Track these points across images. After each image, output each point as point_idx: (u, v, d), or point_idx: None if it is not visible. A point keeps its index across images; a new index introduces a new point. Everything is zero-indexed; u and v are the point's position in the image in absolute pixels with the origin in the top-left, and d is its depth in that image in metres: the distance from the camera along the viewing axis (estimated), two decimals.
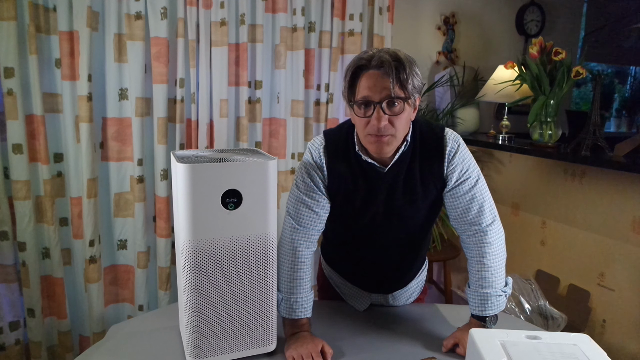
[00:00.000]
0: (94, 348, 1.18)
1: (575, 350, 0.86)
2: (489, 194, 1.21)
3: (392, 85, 1.04)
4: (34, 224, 1.93)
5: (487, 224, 1.18)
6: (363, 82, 1.07)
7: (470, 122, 2.77)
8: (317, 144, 1.20)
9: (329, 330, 1.24)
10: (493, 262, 1.17)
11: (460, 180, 1.17)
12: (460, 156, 1.16)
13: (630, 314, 1.97)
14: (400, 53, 1.07)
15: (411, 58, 1.09)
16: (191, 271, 1.01)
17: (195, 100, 2.14)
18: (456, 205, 1.19)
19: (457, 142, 1.17)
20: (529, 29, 3.10)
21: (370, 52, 1.08)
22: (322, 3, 2.32)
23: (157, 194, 2.15)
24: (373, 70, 1.06)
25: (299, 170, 1.20)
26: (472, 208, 1.17)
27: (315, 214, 1.19)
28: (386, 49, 1.08)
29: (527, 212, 2.45)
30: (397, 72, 1.04)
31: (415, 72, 1.07)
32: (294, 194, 1.20)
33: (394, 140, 1.10)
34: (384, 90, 1.05)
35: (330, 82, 2.40)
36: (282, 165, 2.37)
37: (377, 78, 1.05)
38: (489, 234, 1.18)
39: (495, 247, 1.18)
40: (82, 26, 1.88)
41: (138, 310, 2.20)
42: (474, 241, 1.19)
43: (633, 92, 4.70)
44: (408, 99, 1.07)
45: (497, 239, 1.19)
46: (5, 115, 1.83)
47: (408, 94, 1.07)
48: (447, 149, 1.16)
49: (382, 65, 1.04)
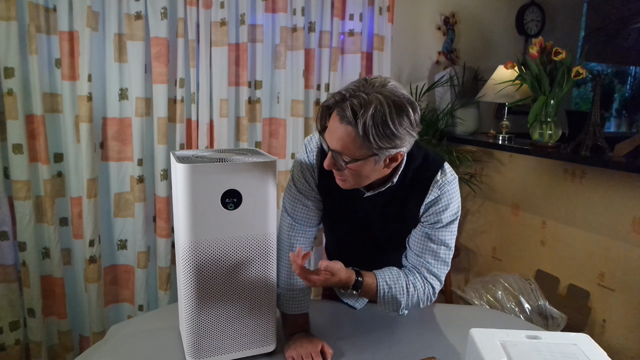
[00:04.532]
0: (94, 348, 1.18)
1: (575, 350, 0.85)
2: (451, 247, 1.15)
3: (343, 141, 0.95)
4: (34, 224, 1.93)
5: (432, 271, 1.13)
6: (330, 121, 1.00)
7: (470, 122, 2.77)
8: (313, 145, 1.18)
9: (329, 330, 1.24)
10: (408, 290, 1.12)
11: (431, 223, 1.12)
12: (440, 206, 1.10)
13: (630, 314, 1.97)
14: (375, 103, 0.92)
15: (393, 106, 0.93)
16: (191, 271, 1.01)
17: (195, 100, 2.14)
18: (415, 235, 1.15)
19: (442, 189, 1.09)
20: (529, 29, 3.10)
21: (343, 92, 0.96)
22: (322, 3, 2.32)
23: (157, 194, 2.15)
24: (335, 115, 0.96)
25: (295, 167, 1.20)
26: (427, 248, 1.13)
27: (311, 210, 1.19)
28: (363, 93, 0.93)
29: (527, 212, 2.45)
30: (355, 127, 0.93)
31: (388, 127, 0.92)
32: (291, 191, 1.20)
33: (351, 184, 1.04)
34: (337, 141, 0.97)
35: (330, 82, 2.40)
36: (282, 165, 2.37)
37: (334, 126, 0.97)
38: (428, 277, 1.13)
39: (418, 289, 1.13)
40: (82, 26, 1.88)
41: (138, 310, 2.20)
42: (414, 264, 1.16)
43: (633, 92, 4.70)
44: (364, 159, 0.97)
45: (425, 289, 1.13)
46: (5, 115, 1.84)
47: (367, 151, 0.96)
48: (428, 196, 1.09)
49: (343, 113, 0.94)
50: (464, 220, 2.85)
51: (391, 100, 0.93)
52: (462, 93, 2.73)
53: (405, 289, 1.11)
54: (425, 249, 1.13)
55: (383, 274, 1.12)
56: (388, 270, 1.14)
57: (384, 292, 1.10)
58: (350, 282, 1.07)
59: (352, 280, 1.07)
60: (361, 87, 0.96)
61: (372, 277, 1.11)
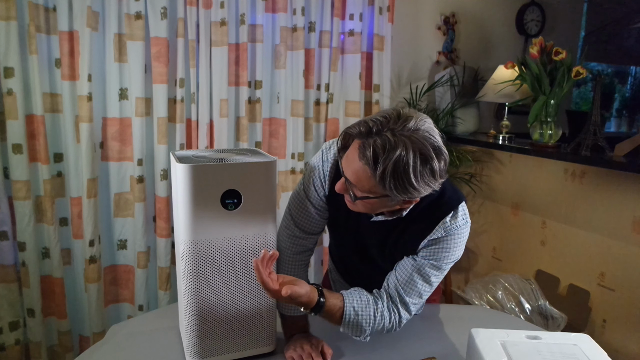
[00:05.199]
0: (94, 348, 1.18)
1: (576, 350, 0.85)
2: (433, 286, 1.09)
3: (358, 175, 0.90)
4: (34, 224, 1.93)
5: (405, 302, 1.07)
6: (350, 146, 0.94)
7: (470, 122, 2.77)
8: (330, 155, 1.11)
9: (329, 330, 1.23)
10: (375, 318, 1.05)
11: (426, 258, 1.07)
12: (441, 247, 1.05)
13: (630, 314, 1.97)
14: (405, 148, 0.85)
15: (419, 157, 0.86)
16: (191, 271, 1.01)
17: (195, 100, 2.14)
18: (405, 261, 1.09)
19: (448, 232, 1.04)
20: (529, 29, 3.10)
21: (370, 125, 0.88)
22: (322, 3, 2.32)
23: (157, 194, 2.15)
24: (356, 147, 0.90)
25: (307, 172, 1.16)
26: (411, 278, 1.07)
27: (315, 218, 1.17)
28: (396, 131, 0.86)
29: (527, 212, 2.44)
30: (374, 172, 0.87)
31: (409, 180, 0.86)
32: (299, 195, 1.17)
33: (357, 209, 1.00)
34: (352, 174, 0.92)
35: (330, 82, 2.40)
36: (282, 165, 2.37)
37: (354, 157, 0.90)
38: (399, 306, 1.08)
39: (385, 318, 1.06)
40: (82, 26, 1.88)
41: (138, 310, 2.20)
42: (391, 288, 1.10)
43: (633, 92, 4.69)
44: (375, 198, 0.93)
45: (392, 318, 1.07)
46: (5, 115, 1.83)
47: (380, 192, 0.91)
48: (432, 235, 1.04)
49: (363, 154, 0.88)
50: None
51: (418, 150, 0.85)
52: (462, 93, 2.73)
53: (373, 317, 1.05)
54: (408, 279, 1.07)
55: (351, 298, 1.05)
56: (358, 294, 1.06)
57: (350, 317, 1.03)
58: (311, 304, 0.99)
59: (314, 302, 0.99)
60: (391, 123, 0.87)
61: (339, 298, 1.04)
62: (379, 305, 1.07)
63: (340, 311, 1.03)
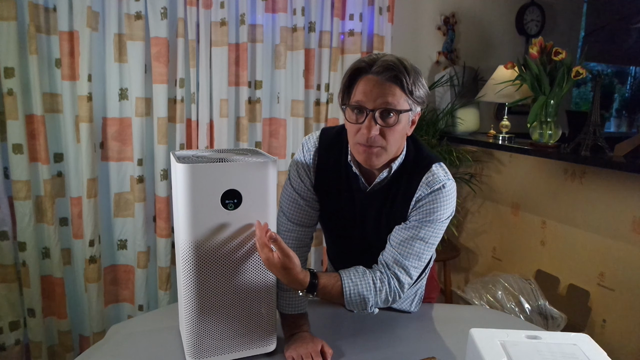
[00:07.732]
0: (94, 348, 1.18)
1: (576, 350, 0.85)
2: (430, 244, 1.11)
3: (391, 94, 0.99)
4: (34, 224, 1.93)
5: (403, 264, 1.09)
6: (360, 86, 1.02)
7: (470, 122, 2.77)
8: (311, 144, 1.18)
9: (329, 330, 1.24)
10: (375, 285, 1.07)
11: (417, 218, 1.10)
12: (427, 203, 1.08)
13: (630, 314, 1.97)
14: (406, 61, 1.01)
15: (417, 69, 1.03)
16: (191, 271, 1.01)
17: (195, 100, 2.14)
18: (397, 228, 1.12)
19: (432, 187, 1.08)
20: (529, 29, 3.10)
21: (373, 56, 1.02)
22: (322, 3, 2.32)
23: (157, 194, 2.15)
24: (372, 76, 1.00)
25: (292, 166, 1.21)
26: (404, 240, 1.09)
27: (306, 210, 1.20)
28: (390, 55, 1.03)
29: (527, 212, 2.45)
30: (399, 80, 0.99)
31: (420, 82, 1.02)
32: (287, 190, 1.21)
33: (384, 153, 1.05)
34: (380, 98, 1.00)
35: (330, 82, 2.40)
36: (282, 165, 2.37)
37: (375, 84, 1.00)
38: (396, 270, 1.09)
39: (385, 284, 1.08)
40: (82, 26, 1.88)
41: (138, 310, 2.20)
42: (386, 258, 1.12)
43: (633, 92, 4.69)
44: (406, 112, 1.02)
45: (392, 283, 1.09)
46: (5, 115, 1.84)
47: (408, 106, 1.02)
48: (416, 193, 1.09)
49: (384, 71, 0.99)
50: (463, 220, 2.85)
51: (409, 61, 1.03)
52: (462, 93, 2.73)
53: (372, 285, 1.07)
54: (403, 241, 1.10)
55: (347, 272, 1.08)
56: (353, 269, 1.10)
57: (350, 289, 1.06)
58: (304, 284, 1.01)
59: (306, 283, 1.01)
60: (380, 55, 1.03)
61: (335, 277, 1.07)
62: (376, 273, 1.10)
63: (338, 286, 1.06)
